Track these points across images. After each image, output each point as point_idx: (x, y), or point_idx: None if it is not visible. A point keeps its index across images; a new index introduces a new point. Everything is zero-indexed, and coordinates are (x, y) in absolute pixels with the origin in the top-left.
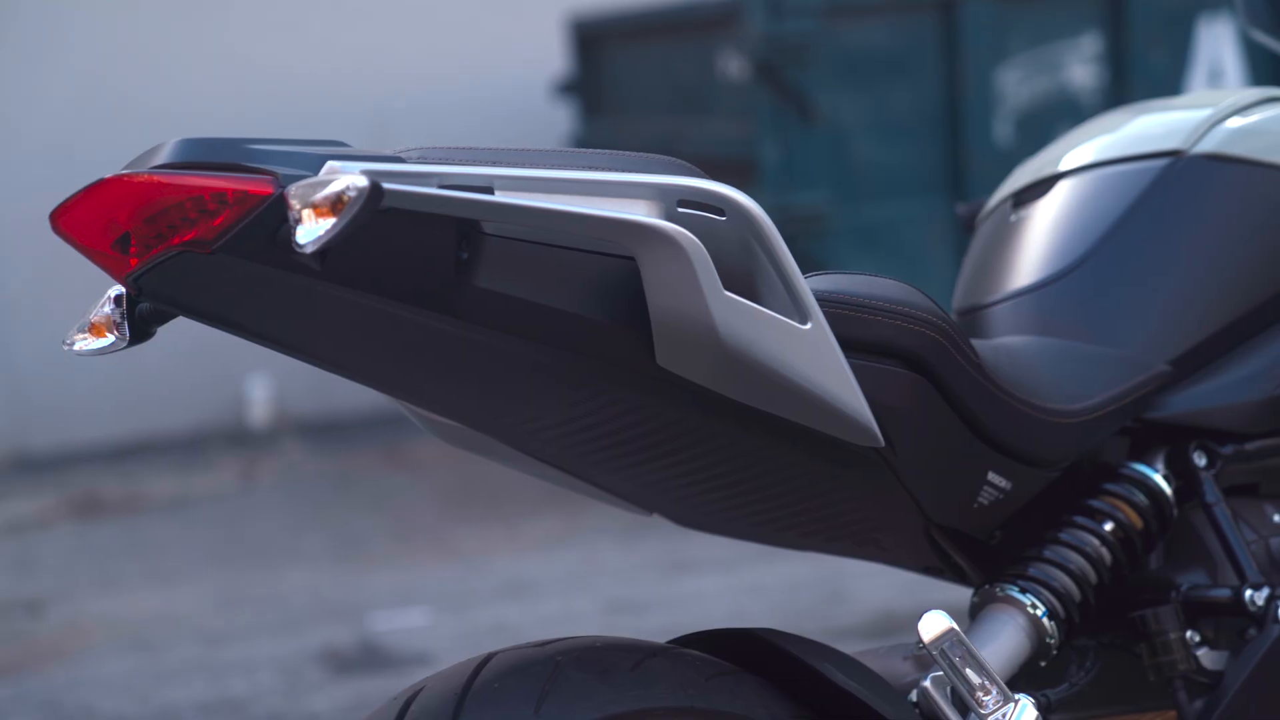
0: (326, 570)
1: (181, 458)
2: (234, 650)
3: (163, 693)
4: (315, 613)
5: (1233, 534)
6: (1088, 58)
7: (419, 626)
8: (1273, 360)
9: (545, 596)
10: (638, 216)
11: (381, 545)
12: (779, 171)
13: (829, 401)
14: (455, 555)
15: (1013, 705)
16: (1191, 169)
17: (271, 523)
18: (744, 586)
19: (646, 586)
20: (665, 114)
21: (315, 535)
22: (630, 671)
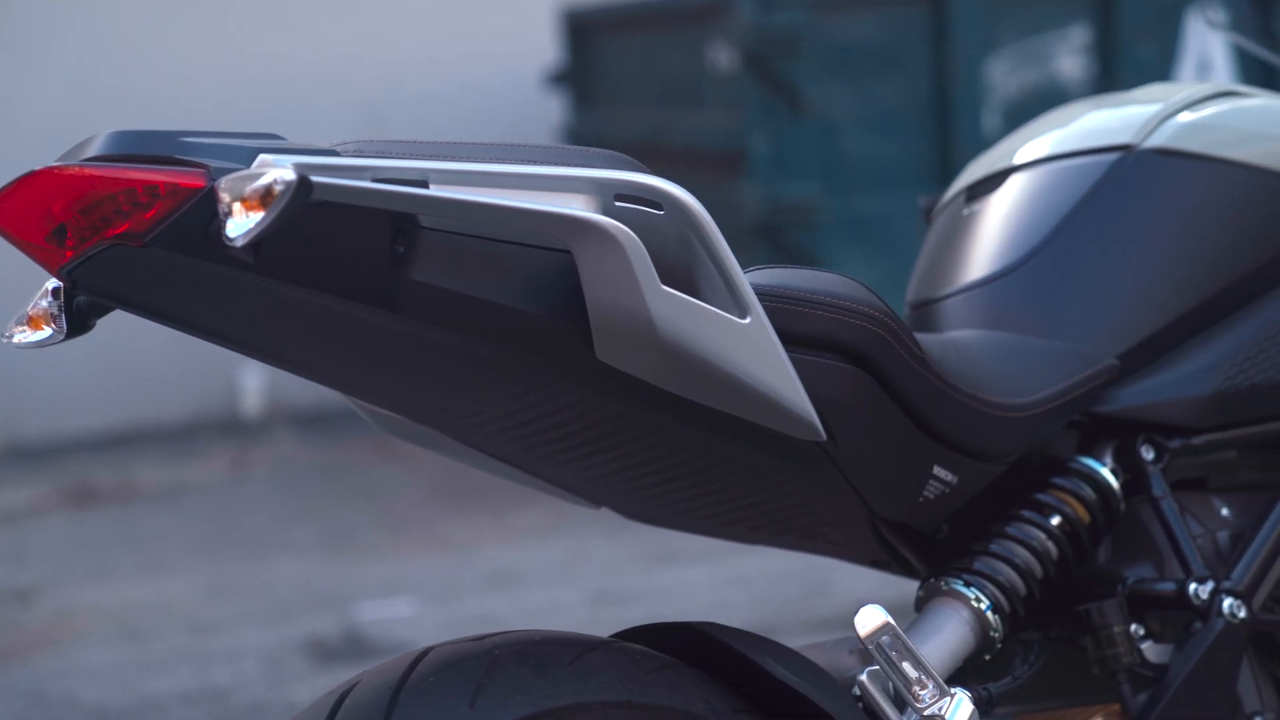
0: (316, 560)
1: (174, 447)
2: (220, 640)
3: (147, 682)
4: (302, 603)
5: (1179, 528)
6: (1076, 49)
7: (404, 616)
8: (1220, 355)
9: (532, 587)
10: (573, 211)
11: (371, 536)
12: (768, 163)
13: (769, 396)
14: (444, 546)
15: (949, 699)
16: (1141, 164)
17: (262, 513)
18: (728, 578)
19: (632, 578)
20: (656, 105)
21: (306, 525)
22: (568, 665)
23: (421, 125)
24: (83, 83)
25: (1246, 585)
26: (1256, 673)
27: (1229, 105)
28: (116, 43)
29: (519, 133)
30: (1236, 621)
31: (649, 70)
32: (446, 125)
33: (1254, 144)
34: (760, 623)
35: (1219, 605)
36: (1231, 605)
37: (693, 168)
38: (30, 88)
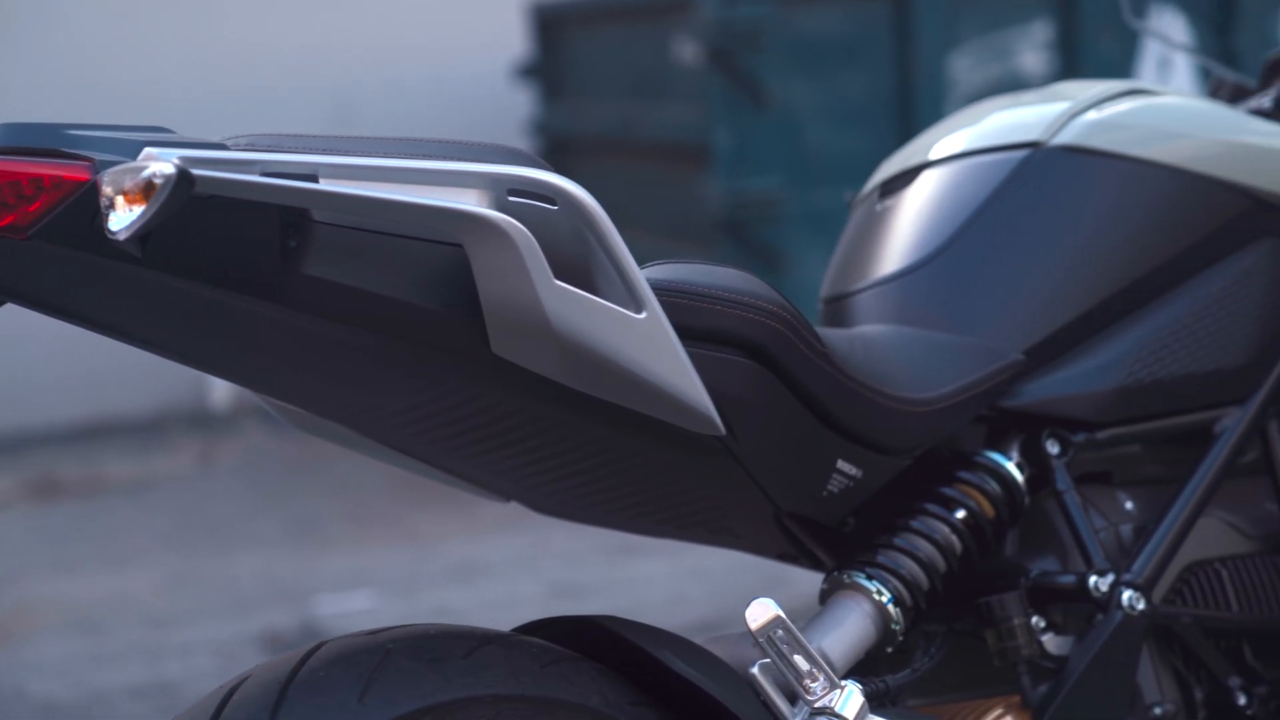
0: (279, 553)
1: (141, 440)
2: (177, 633)
3: (98, 676)
4: (263, 596)
5: (1081, 521)
6: (1039, 45)
7: (363, 609)
8: (1124, 350)
9: (492, 580)
10: (463, 205)
11: (337, 528)
12: (732, 157)
13: (666, 390)
14: (409, 538)
15: (839, 691)
16: (1049, 160)
17: (228, 506)
18: (686, 570)
19: (592, 570)
20: (623, 98)
21: (271, 518)
22: (463, 659)
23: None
24: (51, 73)
25: (1146, 578)
26: (1156, 664)
27: (1136, 103)
28: (84, 34)
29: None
30: (1135, 614)
31: (617, 64)
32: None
33: (1160, 142)
34: (718, 614)
35: (1118, 598)
36: (1131, 598)
37: (659, 161)
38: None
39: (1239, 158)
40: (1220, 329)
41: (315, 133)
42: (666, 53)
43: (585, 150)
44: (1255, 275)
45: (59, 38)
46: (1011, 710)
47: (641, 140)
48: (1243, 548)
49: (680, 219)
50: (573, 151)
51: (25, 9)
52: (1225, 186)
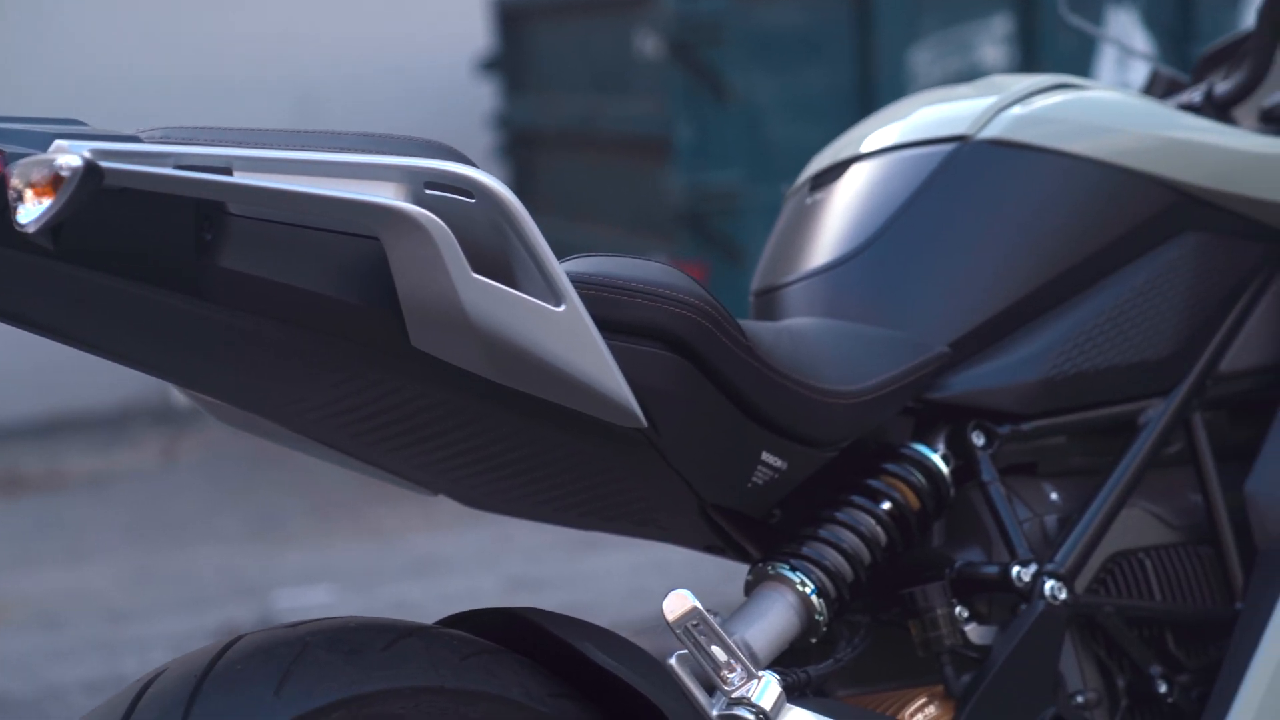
0: (240, 548)
1: (105, 435)
2: (135, 628)
3: (55, 670)
4: (222, 591)
5: (1006, 512)
6: (998, 39)
7: (321, 604)
8: (1049, 343)
9: (452, 574)
10: (378, 199)
11: (299, 523)
12: (693, 150)
13: (586, 383)
14: (371, 533)
15: (756, 682)
16: (976, 154)
17: (191, 500)
18: (646, 564)
19: (552, 564)
20: (585, 92)
21: (233, 513)
22: (382, 651)
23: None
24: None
25: (1069, 568)
26: (1079, 653)
27: (1063, 97)
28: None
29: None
30: (1058, 603)
31: (579, 57)
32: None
33: (1086, 136)
34: None
35: (1041, 587)
36: (1053, 587)
37: (620, 155)
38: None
39: (1164, 152)
40: (1145, 322)
41: (278, 127)
42: (628, 46)
43: (547, 143)
44: (1180, 269)
45: (14, 34)
46: (935, 700)
47: (603, 133)
48: (1166, 538)
49: (641, 212)
50: (535, 145)
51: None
52: (1150, 180)
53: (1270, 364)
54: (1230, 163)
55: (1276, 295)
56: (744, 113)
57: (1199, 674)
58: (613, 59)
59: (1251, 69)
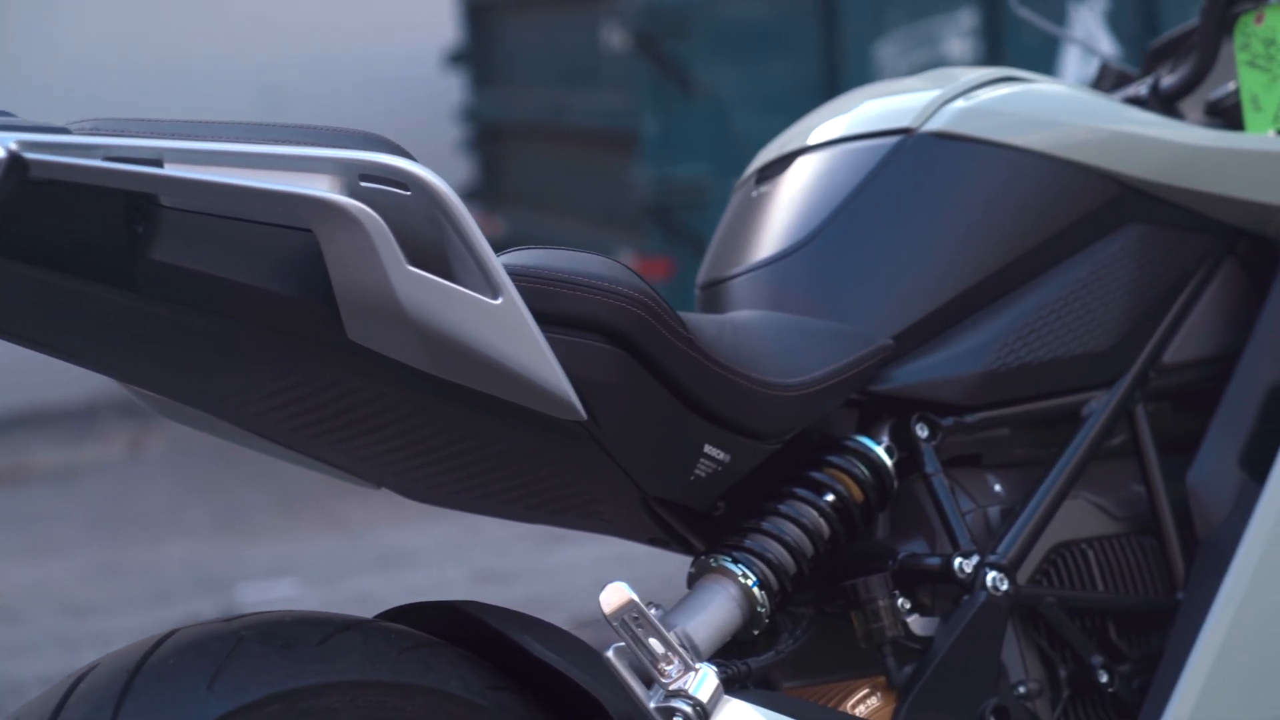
0: (206, 541)
1: (72, 428)
2: (97, 623)
3: (13, 665)
4: (187, 584)
5: (949, 503)
6: (964, 33)
7: (286, 597)
8: (992, 335)
9: (418, 567)
10: (310, 191)
11: (265, 517)
12: (659, 144)
13: (524, 376)
14: (338, 526)
15: (694, 674)
16: (920, 147)
17: (157, 494)
18: (612, 557)
19: (519, 557)
20: (553, 85)
21: (199, 507)
22: (317, 645)
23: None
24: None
25: (1011, 559)
26: (1021, 643)
27: (1007, 90)
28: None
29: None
30: (999, 594)
31: (547, 50)
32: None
33: (1029, 128)
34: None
35: (983, 578)
36: (995, 578)
37: (588, 148)
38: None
39: (1108, 145)
40: (1089, 314)
41: (244, 119)
42: (596, 40)
43: (515, 137)
44: (1123, 260)
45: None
46: (877, 691)
47: (570, 127)
48: (1109, 529)
49: (609, 206)
50: (502, 138)
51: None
52: (1094, 173)
53: (1213, 355)
54: (1173, 156)
55: (1220, 287)
56: (710, 106)
57: (1141, 664)
58: (580, 52)
59: (1197, 63)
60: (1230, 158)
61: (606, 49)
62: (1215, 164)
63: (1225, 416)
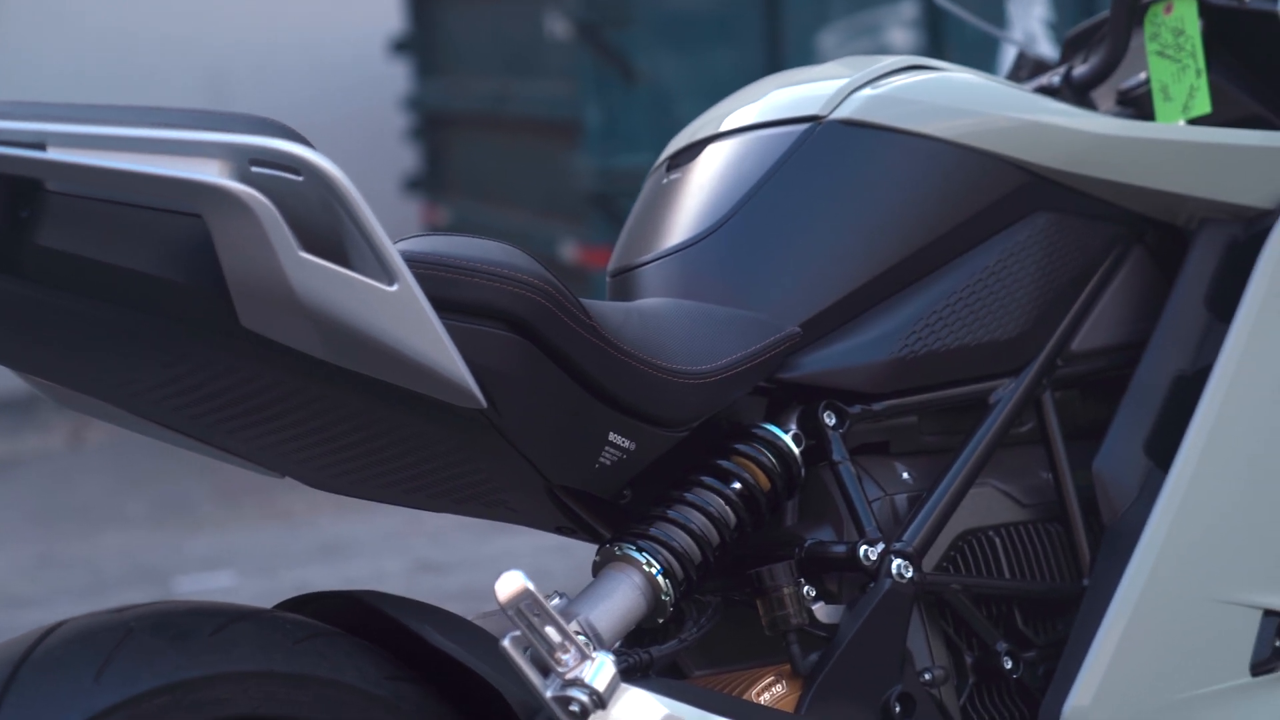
0: (146, 533)
1: (12, 420)
2: (32, 615)
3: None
4: (124, 576)
5: (855, 491)
6: (906, 23)
7: (223, 588)
8: (900, 323)
9: (357, 558)
10: (197, 175)
11: (206, 508)
12: (602, 133)
13: (422, 363)
14: (279, 517)
15: (590, 662)
16: (828, 134)
17: (98, 485)
18: (551, 546)
19: (458, 548)
20: (497, 74)
21: (140, 498)
22: (210, 636)
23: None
24: None
25: (916, 546)
26: (928, 631)
27: (916, 78)
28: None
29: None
30: (904, 582)
31: (491, 39)
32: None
33: (936, 117)
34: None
35: (888, 566)
36: (899, 566)
37: (531, 137)
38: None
39: (1014, 133)
40: (996, 301)
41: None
42: (539, 28)
43: (459, 125)
44: (1030, 249)
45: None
46: (783, 679)
47: (514, 116)
48: (1016, 516)
49: (552, 194)
50: (446, 127)
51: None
52: (1001, 161)
53: (1121, 343)
54: (1081, 145)
55: (1128, 276)
56: (653, 95)
57: (1046, 650)
58: (523, 41)
59: (1107, 52)
60: (1139, 147)
61: (549, 38)
62: (1124, 153)
63: (1131, 404)
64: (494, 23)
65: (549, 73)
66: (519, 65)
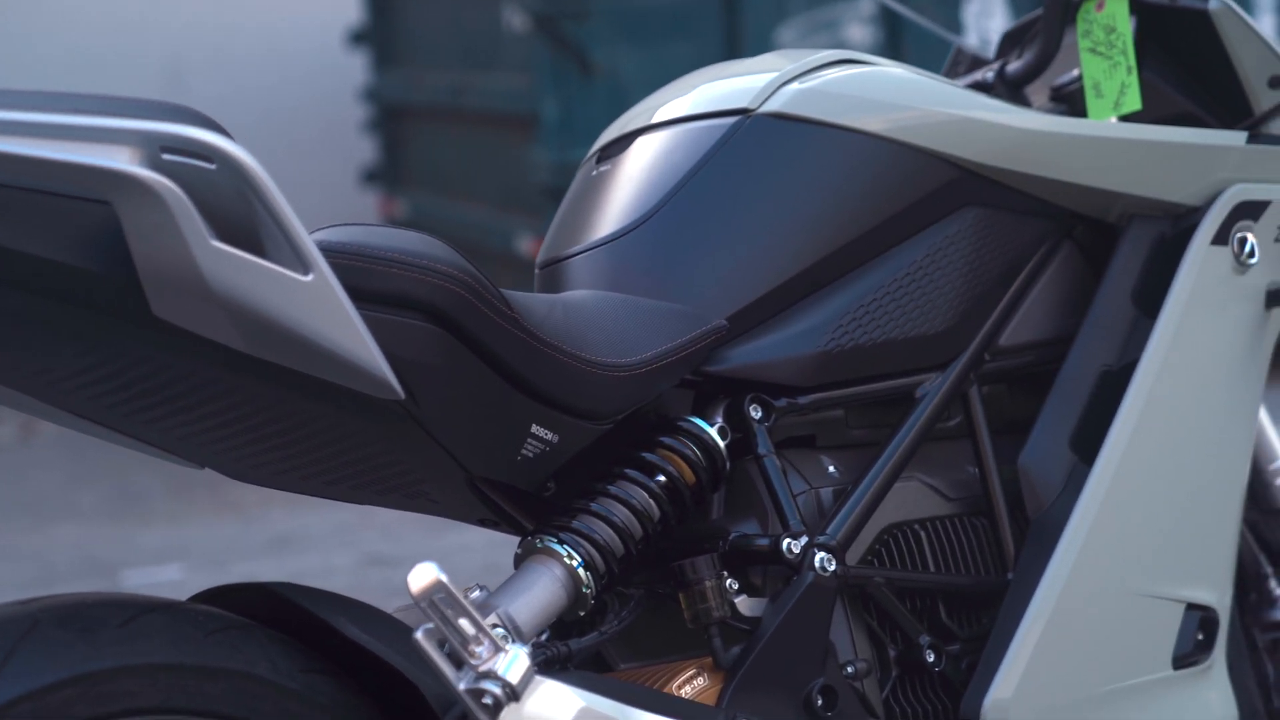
0: (97, 526)
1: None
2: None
3: None
4: (73, 569)
5: (780, 484)
6: (864, 18)
7: (172, 581)
8: (827, 317)
9: (308, 551)
10: (104, 162)
11: (159, 501)
12: (559, 126)
13: (337, 353)
14: (232, 510)
15: (503, 655)
16: (757, 128)
17: (49, 478)
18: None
19: (410, 542)
20: (455, 67)
21: (92, 491)
22: (118, 628)
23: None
24: None
25: (840, 540)
26: (851, 625)
27: (845, 73)
28: None
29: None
30: (827, 575)
31: (449, 31)
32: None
33: (865, 111)
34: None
35: (811, 559)
36: (822, 559)
37: (489, 130)
38: None
39: (943, 128)
40: (924, 296)
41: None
42: (497, 21)
43: (417, 118)
44: (959, 244)
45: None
46: (704, 672)
47: (472, 109)
48: (942, 510)
49: (509, 187)
50: (405, 119)
51: None
52: (930, 156)
53: (1050, 338)
54: (1009, 140)
55: (1057, 271)
56: (610, 88)
57: (970, 644)
58: (481, 34)
59: (1040, 49)
60: (1069, 143)
61: (507, 30)
62: (1054, 149)
63: (1057, 398)
64: (452, 15)
65: (507, 66)
66: (477, 58)
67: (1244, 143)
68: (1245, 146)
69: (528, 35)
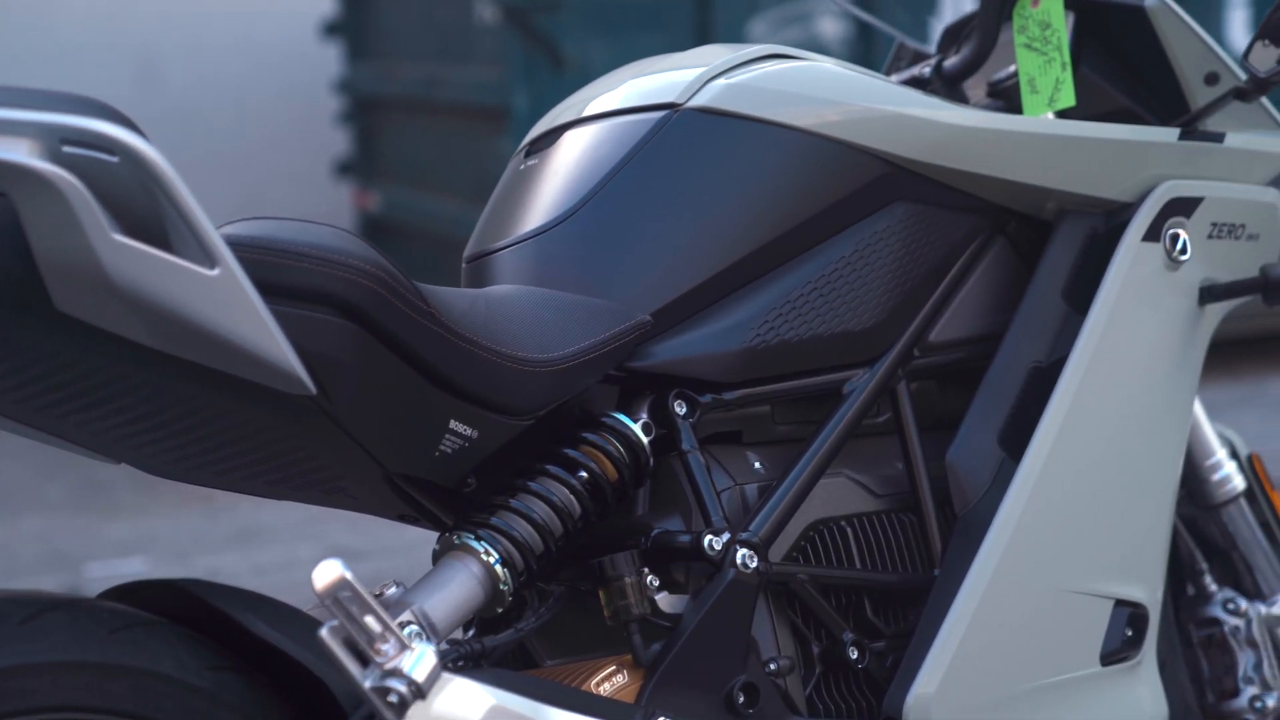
0: (63, 518)
1: None
2: None
3: None
4: (38, 562)
5: (703, 480)
6: (836, 12)
7: (135, 573)
8: (754, 312)
9: (272, 544)
10: (4, 155)
11: (125, 493)
12: (529, 118)
13: (246, 349)
14: (199, 503)
15: (410, 653)
16: (684, 122)
17: (17, 470)
18: None
19: (374, 535)
20: (428, 59)
21: (60, 483)
22: (19, 625)
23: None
24: None
25: (763, 536)
26: (774, 621)
27: (774, 67)
28: None
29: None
30: (749, 572)
31: (421, 23)
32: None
33: (793, 105)
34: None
35: (732, 556)
36: (744, 556)
37: (461, 122)
38: None
39: (873, 124)
40: (852, 291)
41: (118, 93)
42: (469, 13)
43: (390, 110)
44: (889, 239)
45: None
46: (624, 669)
47: (444, 101)
48: (869, 506)
49: (481, 180)
50: (378, 111)
51: None
52: (859, 151)
53: (980, 335)
54: (940, 136)
55: (989, 267)
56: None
57: (895, 641)
58: (453, 26)
59: (977, 45)
60: (1001, 139)
61: (479, 22)
62: (986, 145)
63: (986, 395)
64: (424, 7)
65: (479, 58)
66: (449, 50)
67: (1177, 139)
68: (1178, 143)
69: (499, 28)
